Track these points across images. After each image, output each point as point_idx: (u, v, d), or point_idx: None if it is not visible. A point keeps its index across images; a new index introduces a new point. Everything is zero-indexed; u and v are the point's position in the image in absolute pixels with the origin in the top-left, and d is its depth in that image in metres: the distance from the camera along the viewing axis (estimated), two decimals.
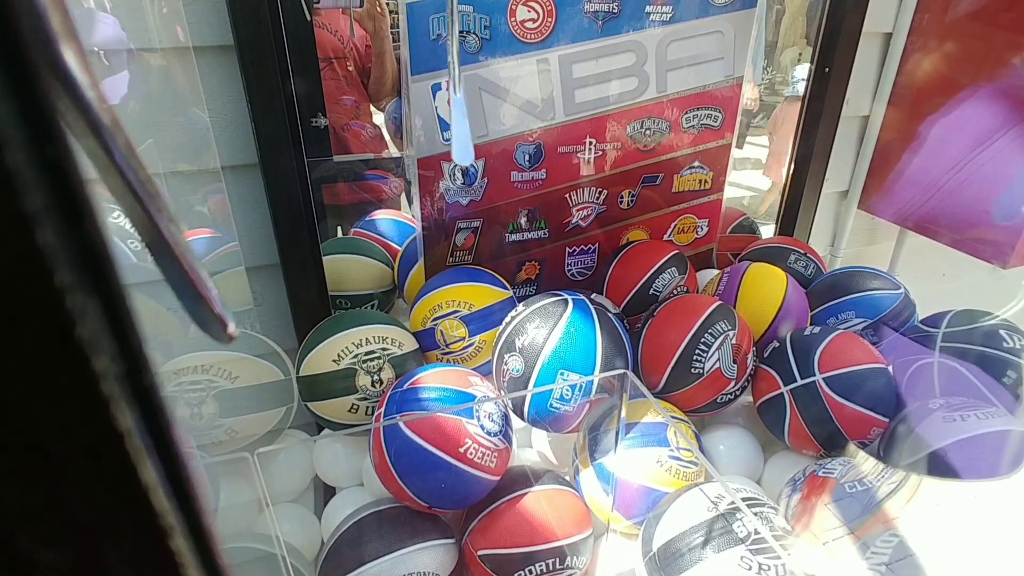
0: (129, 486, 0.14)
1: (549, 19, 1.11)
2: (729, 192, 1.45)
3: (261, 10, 0.97)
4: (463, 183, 1.18)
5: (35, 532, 0.13)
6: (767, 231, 1.67)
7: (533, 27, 1.11)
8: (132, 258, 1.25)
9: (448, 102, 1.10)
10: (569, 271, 1.36)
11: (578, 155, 1.24)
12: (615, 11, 1.14)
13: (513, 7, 1.08)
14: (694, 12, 1.20)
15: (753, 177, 4.00)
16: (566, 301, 1.00)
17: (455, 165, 1.16)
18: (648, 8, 1.16)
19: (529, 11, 1.09)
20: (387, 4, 2.01)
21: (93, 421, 0.13)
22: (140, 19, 1.03)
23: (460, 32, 1.07)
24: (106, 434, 0.14)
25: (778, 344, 1.11)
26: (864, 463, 0.93)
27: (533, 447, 1.19)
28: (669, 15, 1.19)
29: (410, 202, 1.41)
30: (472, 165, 1.17)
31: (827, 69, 1.40)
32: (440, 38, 1.07)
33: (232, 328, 0.20)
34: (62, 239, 0.12)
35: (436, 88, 1.10)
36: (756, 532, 0.77)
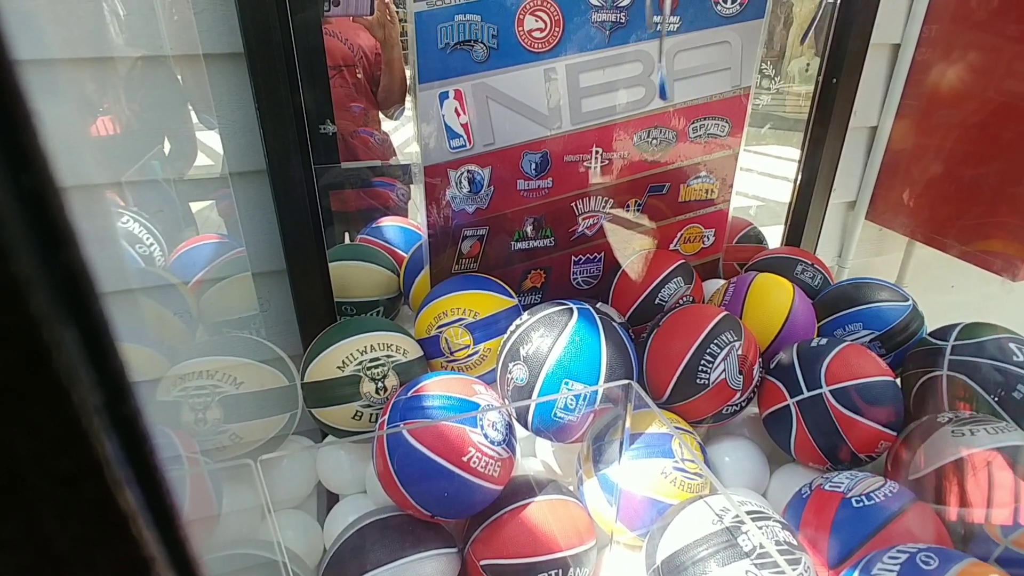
0: (107, 516, 0.14)
1: (557, 29, 1.11)
2: (736, 202, 1.45)
3: (271, 18, 0.97)
4: (469, 191, 1.19)
5: (11, 563, 0.13)
6: (774, 237, 1.66)
7: (541, 36, 1.11)
8: (140, 262, 1.26)
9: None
10: (575, 279, 1.36)
11: (584, 164, 1.24)
12: (622, 21, 1.15)
13: (521, 17, 1.09)
14: (701, 22, 1.21)
15: (760, 186, 3.99)
16: (571, 310, 0.99)
17: (462, 173, 1.16)
18: (656, 18, 1.17)
19: (537, 21, 1.10)
20: (397, 12, 2.03)
21: (69, 452, 0.13)
22: (152, 25, 1.05)
23: (467, 41, 1.08)
24: (83, 464, 0.13)
25: (784, 355, 1.10)
26: (871, 477, 0.92)
27: (537, 456, 1.18)
28: (677, 25, 1.19)
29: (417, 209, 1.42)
30: (479, 173, 1.17)
31: (835, 80, 1.40)
32: (448, 47, 1.07)
33: None
34: (38, 269, 0.12)
35: (444, 96, 1.10)
36: (761, 547, 0.77)
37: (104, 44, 1.02)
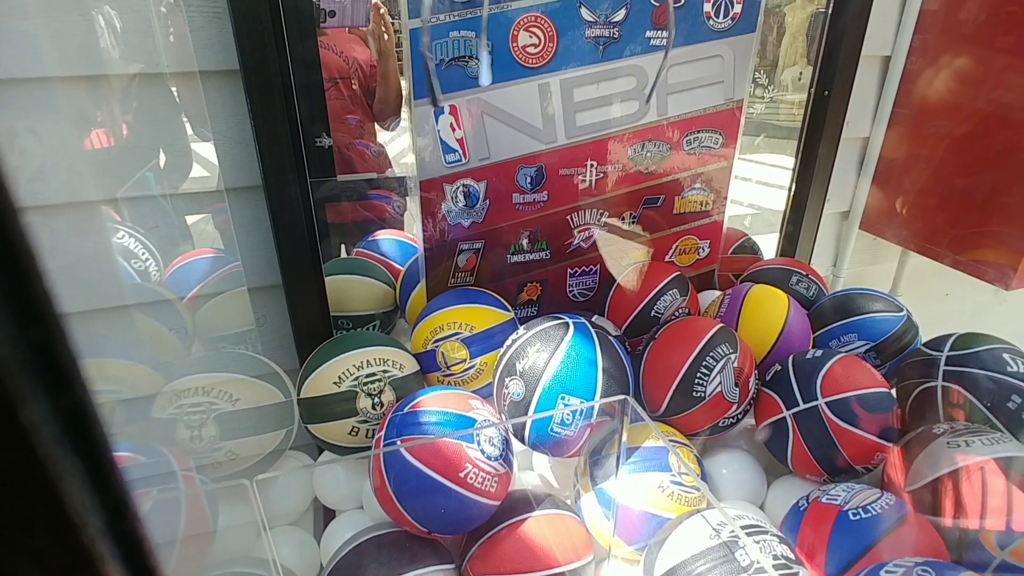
0: None
1: (551, 44, 1.12)
2: (731, 210, 1.46)
3: (267, 36, 0.98)
4: (465, 205, 1.19)
5: None
6: (769, 245, 1.67)
7: (535, 52, 1.12)
8: (136, 278, 1.26)
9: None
10: (571, 292, 1.36)
11: (579, 177, 1.25)
12: (615, 36, 1.16)
13: (515, 33, 1.10)
14: (694, 37, 1.22)
15: (755, 194, 4.01)
16: (567, 324, 1.00)
17: (457, 187, 1.17)
18: (648, 33, 1.18)
19: (531, 36, 1.11)
20: (392, 24, 2.04)
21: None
22: (149, 43, 1.05)
23: (462, 57, 1.08)
24: None
25: (780, 367, 1.10)
26: (868, 490, 0.92)
27: (534, 470, 1.18)
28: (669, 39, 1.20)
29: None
30: (474, 187, 1.18)
31: (826, 93, 1.41)
32: (443, 63, 1.08)
33: None
34: (46, 417, 0.13)
35: (438, 113, 1.11)
36: (757, 562, 0.77)
37: (100, 62, 1.02)
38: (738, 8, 1.22)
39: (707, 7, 1.20)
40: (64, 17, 0.98)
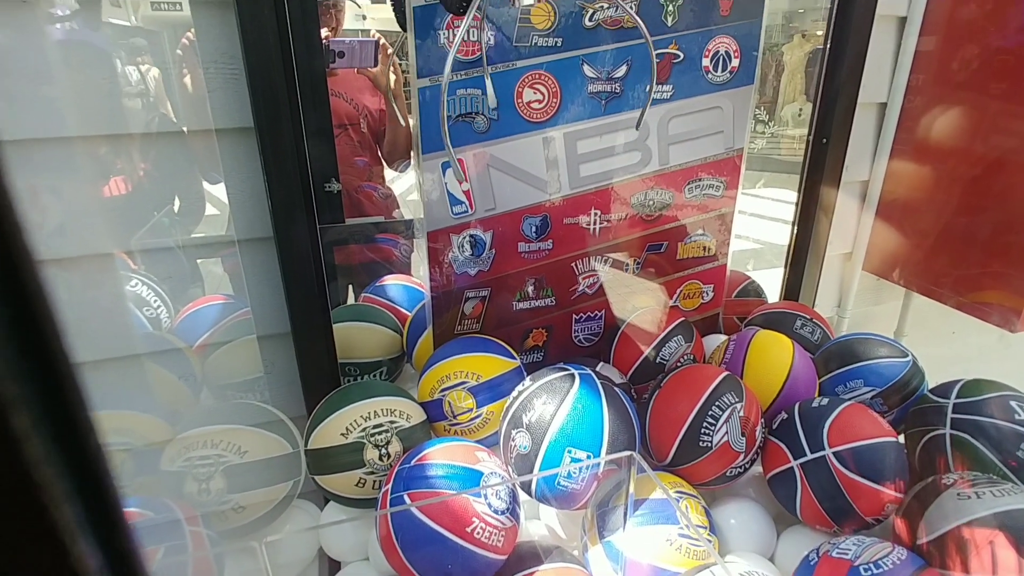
0: None
1: (555, 100, 1.16)
2: (735, 245, 1.47)
3: (281, 96, 1.02)
4: (472, 254, 1.21)
5: None
6: (773, 280, 1.68)
7: (539, 107, 1.15)
8: (147, 326, 1.28)
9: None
10: (576, 337, 1.37)
11: (584, 226, 1.27)
12: (618, 91, 1.19)
13: (520, 89, 1.13)
14: (694, 89, 1.25)
15: (758, 229, 4.04)
16: (572, 376, 1.00)
17: (464, 237, 1.19)
18: (649, 87, 1.21)
19: (535, 93, 1.14)
20: (399, 64, 2.10)
21: None
22: (167, 104, 1.09)
23: (469, 113, 1.12)
24: None
25: (786, 416, 1.10)
26: (879, 544, 0.91)
27: (541, 519, 1.17)
28: (670, 93, 1.24)
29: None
30: (481, 237, 1.20)
31: (825, 140, 1.44)
32: (450, 119, 1.12)
33: None
34: (60, 475, 0.14)
35: (446, 166, 1.14)
36: None
37: (122, 121, 1.06)
38: (736, 62, 1.26)
39: (706, 62, 1.24)
40: (87, 79, 1.02)
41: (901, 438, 1.11)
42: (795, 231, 1.58)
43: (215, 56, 1.04)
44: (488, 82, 1.09)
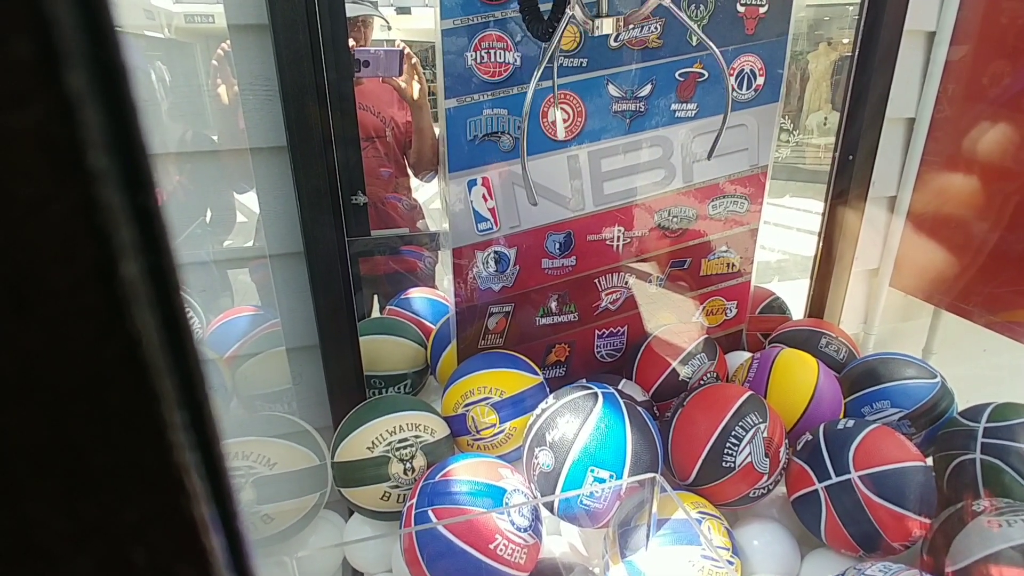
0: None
1: (579, 119, 1.17)
2: (759, 256, 1.46)
3: (313, 119, 1.05)
4: (496, 270, 1.23)
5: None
6: (798, 292, 1.66)
7: (564, 126, 1.17)
8: None
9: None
10: (598, 352, 1.38)
11: (607, 242, 1.28)
12: (642, 110, 1.20)
13: (545, 109, 1.15)
14: (719, 108, 1.26)
15: (783, 239, 4.00)
16: (596, 395, 1.01)
17: (489, 254, 1.21)
18: (674, 106, 1.22)
19: (560, 112, 1.16)
20: (423, 73, 2.13)
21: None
22: (204, 122, 1.13)
23: (495, 133, 1.14)
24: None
25: (811, 437, 1.09)
26: (907, 571, 0.90)
27: (562, 536, 1.18)
28: (694, 111, 1.24)
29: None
30: (505, 253, 1.22)
31: (851, 157, 1.43)
32: (476, 138, 1.14)
33: None
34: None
35: (472, 183, 1.16)
36: None
37: (163, 143, 1.10)
38: (760, 80, 1.26)
39: (731, 80, 1.24)
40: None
41: (929, 461, 1.10)
42: (820, 246, 1.57)
43: (250, 78, 1.07)
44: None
